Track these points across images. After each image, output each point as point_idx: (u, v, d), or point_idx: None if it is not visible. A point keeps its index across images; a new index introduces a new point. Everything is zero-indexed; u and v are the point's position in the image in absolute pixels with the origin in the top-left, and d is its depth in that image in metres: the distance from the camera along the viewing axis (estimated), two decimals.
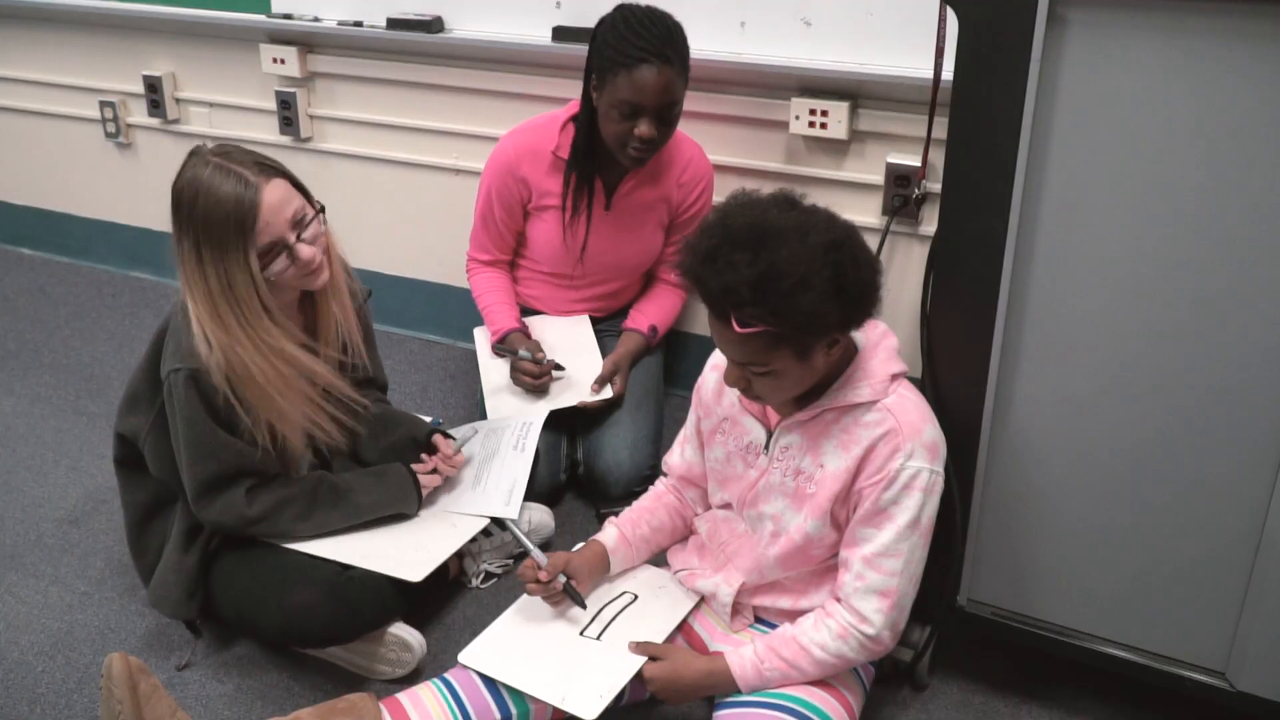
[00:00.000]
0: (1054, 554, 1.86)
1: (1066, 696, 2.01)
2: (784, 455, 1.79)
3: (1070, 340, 1.73)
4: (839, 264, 1.58)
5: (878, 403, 1.71)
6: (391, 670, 2.05)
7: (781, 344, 1.61)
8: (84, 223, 3.87)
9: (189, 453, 1.94)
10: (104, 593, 2.29)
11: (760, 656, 1.78)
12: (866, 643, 1.73)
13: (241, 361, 1.88)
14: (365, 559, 2.03)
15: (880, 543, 1.70)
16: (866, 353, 1.75)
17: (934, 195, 2.57)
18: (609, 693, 1.79)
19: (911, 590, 1.75)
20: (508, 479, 2.27)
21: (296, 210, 1.90)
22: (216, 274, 1.84)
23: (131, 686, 1.72)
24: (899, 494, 1.68)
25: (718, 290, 1.59)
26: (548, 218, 2.57)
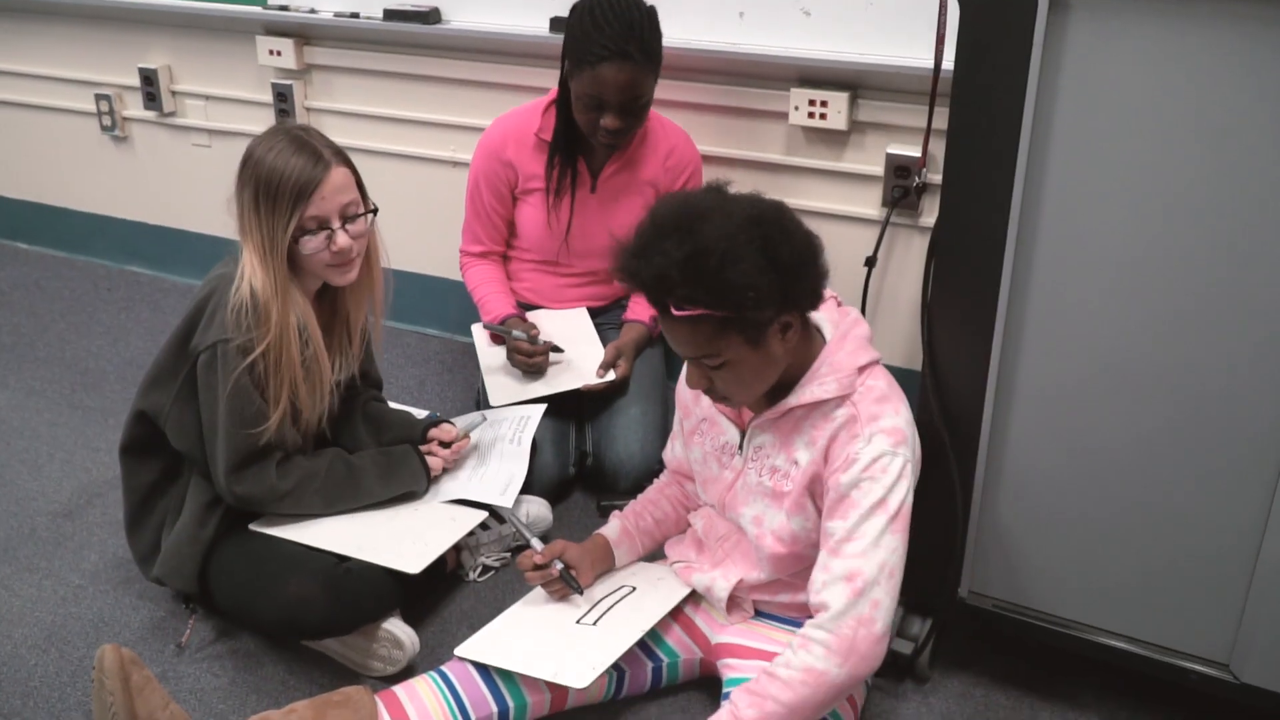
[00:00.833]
0: (1056, 546, 1.85)
1: (1068, 690, 2.00)
2: (758, 455, 1.78)
3: (1072, 331, 1.71)
4: (767, 237, 1.56)
5: (846, 398, 1.68)
6: (384, 667, 2.03)
7: (729, 330, 1.59)
8: (80, 217, 3.85)
9: (229, 422, 1.96)
10: (98, 586, 2.27)
11: (735, 702, 1.65)
12: (828, 639, 1.60)
13: (274, 317, 1.95)
14: (362, 550, 2.01)
15: (844, 529, 1.64)
16: (834, 344, 1.72)
17: (934, 186, 2.55)
18: (601, 664, 1.77)
19: (885, 581, 1.61)
20: (506, 471, 2.26)
21: (351, 202, 1.98)
22: (267, 227, 1.93)
23: (124, 679, 1.70)
24: (859, 477, 1.64)
25: (651, 280, 1.58)
26: (534, 201, 2.57)
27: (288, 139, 1.96)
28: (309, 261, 1.98)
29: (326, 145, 1.98)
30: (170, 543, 2.08)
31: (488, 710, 1.82)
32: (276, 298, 1.95)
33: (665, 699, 1.98)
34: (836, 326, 1.74)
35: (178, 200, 3.64)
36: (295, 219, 1.93)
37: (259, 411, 1.97)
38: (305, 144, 1.95)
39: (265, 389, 1.98)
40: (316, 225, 1.95)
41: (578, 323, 2.67)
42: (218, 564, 2.04)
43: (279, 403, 1.98)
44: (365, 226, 2.03)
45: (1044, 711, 1.96)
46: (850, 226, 2.65)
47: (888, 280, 2.67)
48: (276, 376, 1.97)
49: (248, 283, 1.95)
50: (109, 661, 1.71)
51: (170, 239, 3.70)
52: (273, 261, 1.94)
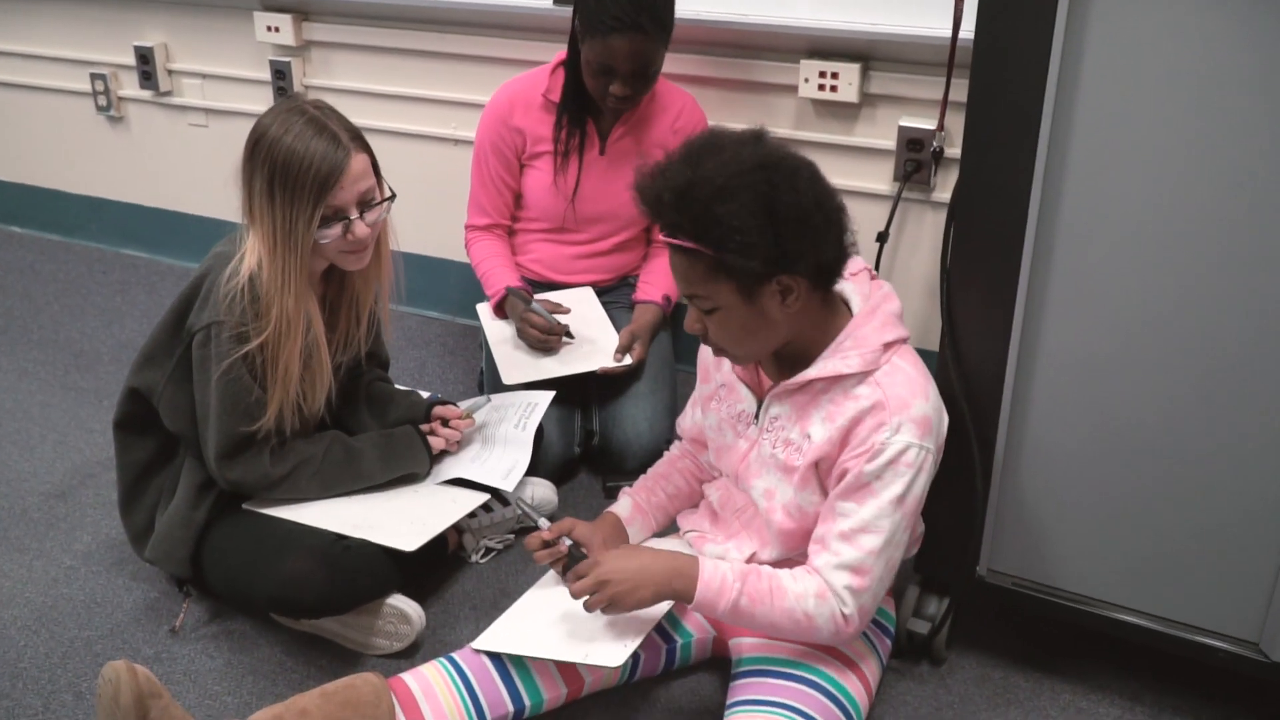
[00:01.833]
0: (1079, 521, 1.78)
1: (1089, 671, 1.94)
2: (773, 426, 1.72)
3: (1097, 298, 1.65)
4: (771, 184, 1.51)
5: (869, 374, 1.62)
6: (389, 644, 1.97)
7: (721, 274, 1.54)
8: (75, 199, 3.79)
9: (222, 406, 1.90)
10: (90, 567, 2.21)
11: (736, 575, 1.64)
12: (837, 616, 1.61)
13: (274, 311, 1.88)
14: (359, 529, 1.96)
15: (860, 518, 1.60)
16: (861, 318, 1.66)
17: (949, 160, 2.49)
18: (633, 641, 1.71)
19: (887, 577, 1.64)
20: (510, 456, 2.20)
21: (368, 189, 1.91)
22: (283, 216, 1.84)
23: (141, 715, 1.55)
24: (883, 468, 1.58)
25: (650, 199, 1.56)
26: (541, 164, 2.53)
27: (304, 120, 1.85)
28: (325, 248, 1.91)
29: (344, 127, 1.88)
30: (162, 525, 2.02)
31: (504, 710, 1.76)
32: (284, 293, 1.87)
33: (676, 682, 1.92)
34: (866, 300, 1.68)
35: (175, 181, 3.58)
36: (319, 211, 1.84)
37: (258, 402, 1.91)
38: (324, 126, 1.85)
39: (264, 380, 1.91)
40: (334, 215, 1.87)
41: (586, 305, 2.60)
42: (211, 545, 1.99)
43: (276, 394, 1.92)
44: (382, 214, 1.96)
45: (1065, 693, 1.90)
46: (862, 202, 2.58)
47: (899, 257, 2.61)
48: (274, 369, 1.91)
49: (248, 270, 1.88)
50: (125, 694, 1.55)
51: (167, 221, 3.64)
52: (285, 254, 1.86)
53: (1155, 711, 1.86)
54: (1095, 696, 1.89)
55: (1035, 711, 1.87)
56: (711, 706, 1.87)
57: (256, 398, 1.91)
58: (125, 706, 1.51)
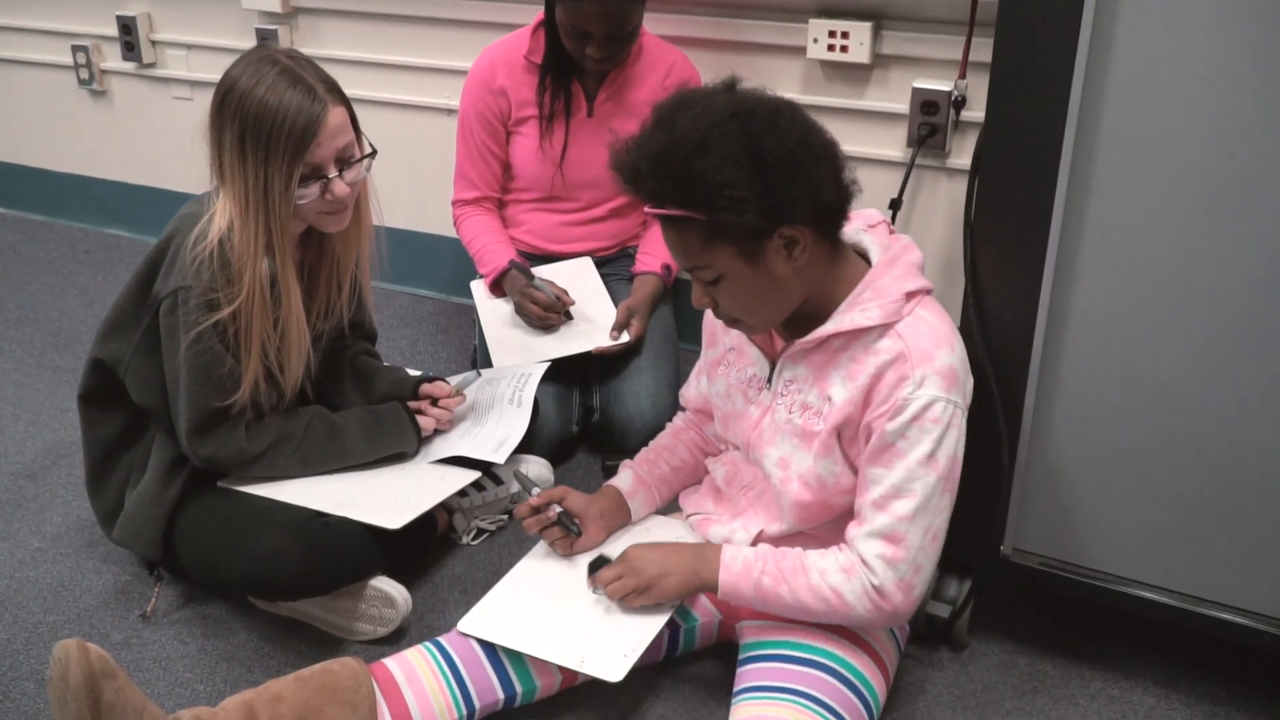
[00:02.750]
0: (1112, 496, 1.66)
1: (1121, 657, 1.82)
2: (788, 389, 1.59)
3: (1133, 254, 1.53)
4: (748, 131, 1.40)
5: (890, 327, 1.50)
6: (373, 629, 1.85)
7: (718, 239, 1.43)
8: (56, 177, 3.67)
9: (191, 377, 1.78)
10: (59, 549, 2.09)
11: (759, 556, 1.58)
12: (870, 591, 1.51)
13: (246, 278, 1.76)
14: (340, 507, 1.84)
15: (889, 483, 1.49)
16: (880, 268, 1.54)
17: (965, 124, 2.37)
18: (634, 651, 1.59)
19: (929, 545, 1.52)
20: (502, 430, 2.08)
21: (347, 145, 1.79)
22: (256, 174, 1.72)
23: (93, 698, 1.40)
24: (907, 425, 1.47)
25: (628, 172, 1.46)
26: (527, 130, 2.42)
27: (277, 70, 1.72)
28: (303, 208, 1.78)
29: (320, 78, 1.76)
30: (131, 504, 1.90)
31: (494, 697, 1.64)
32: (257, 257, 1.75)
33: (679, 670, 1.80)
34: (886, 251, 1.56)
35: (159, 157, 3.46)
36: (296, 169, 1.72)
37: (230, 373, 1.79)
38: (298, 77, 1.72)
39: (237, 350, 1.79)
40: (311, 173, 1.75)
41: (584, 278, 2.48)
42: (183, 525, 1.86)
43: (250, 365, 1.80)
44: (362, 173, 1.83)
45: (1095, 680, 1.78)
46: (873, 169, 2.46)
47: (913, 226, 2.49)
48: (248, 338, 1.79)
49: (217, 232, 1.75)
50: (75, 674, 1.40)
51: (152, 199, 3.52)
52: (259, 215, 1.73)
53: (1191, 700, 1.74)
54: (1127, 684, 1.77)
55: (1064, 700, 1.75)
56: (718, 695, 1.75)
57: (229, 369, 1.79)
58: (75, 687, 1.38)
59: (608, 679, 1.57)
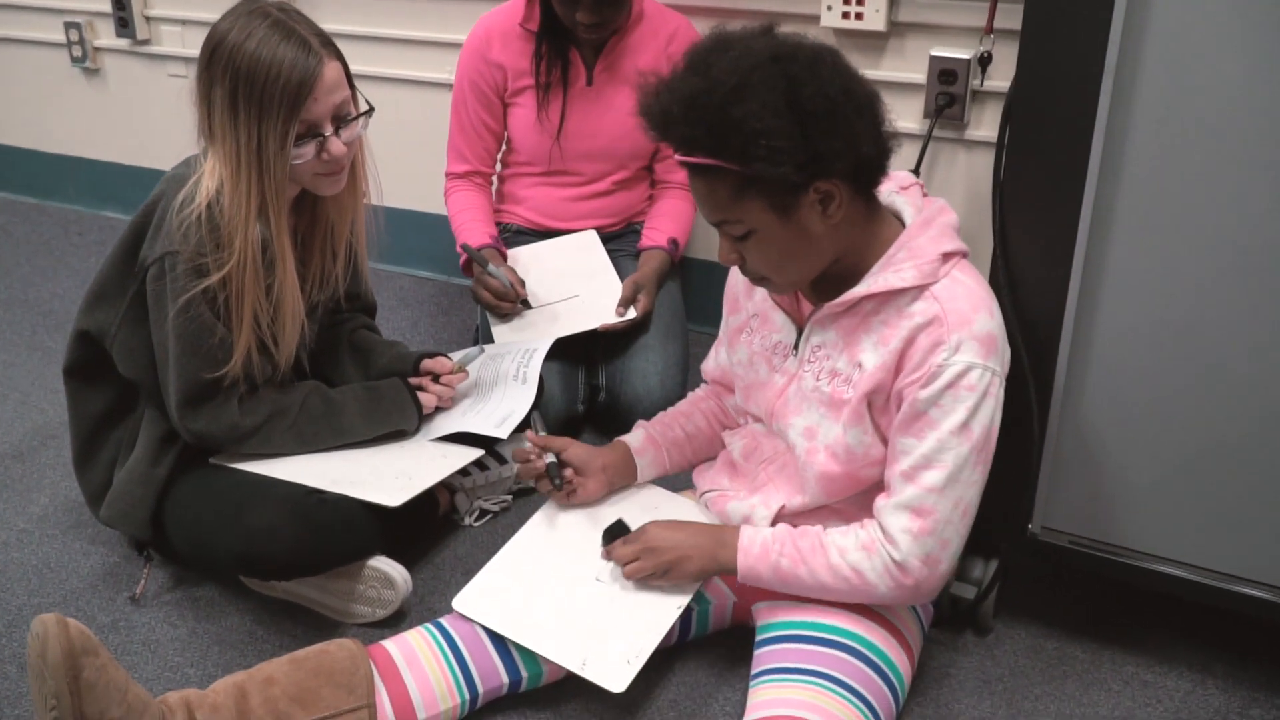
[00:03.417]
0: (1146, 470, 1.58)
1: (1154, 640, 1.74)
2: (816, 356, 1.51)
3: (1173, 211, 1.44)
4: (789, 76, 1.32)
5: (925, 289, 1.42)
6: (371, 611, 1.77)
7: (750, 192, 1.35)
8: (50, 159, 3.59)
9: (180, 347, 1.70)
10: (45, 530, 2.02)
11: (776, 537, 1.52)
12: (892, 568, 1.44)
13: (237, 242, 1.67)
14: (337, 484, 1.76)
15: (919, 453, 1.42)
16: (915, 228, 1.46)
17: (984, 94, 2.30)
18: (638, 658, 1.51)
19: (959, 520, 1.44)
20: (506, 406, 2.00)
21: (343, 102, 1.71)
22: (249, 133, 1.64)
23: (72, 675, 1.31)
24: (940, 393, 1.39)
25: (657, 117, 1.38)
26: (524, 100, 2.34)
27: (268, 23, 1.64)
28: (297, 169, 1.70)
29: (313, 32, 1.68)
30: (119, 483, 1.82)
31: (498, 681, 1.57)
32: (248, 221, 1.67)
33: (691, 653, 1.72)
34: (920, 212, 1.48)
35: (154, 137, 3.38)
36: (292, 127, 1.64)
37: (222, 343, 1.71)
38: (291, 30, 1.64)
39: (228, 320, 1.71)
40: (307, 131, 1.67)
41: (590, 253, 2.41)
42: (173, 503, 1.78)
43: (243, 335, 1.72)
44: (359, 131, 1.75)
45: (1128, 665, 1.70)
46: None
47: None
48: (239, 307, 1.71)
49: (205, 194, 1.67)
50: (54, 650, 1.31)
51: (147, 180, 3.37)
52: (252, 176, 1.65)
53: (1229, 685, 1.66)
54: (1161, 668, 1.69)
55: (1095, 684, 1.67)
56: (733, 680, 1.67)
57: (220, 338, 1.71)
58: (54, 664, 1.30)
59: (610, 689, 1.49)
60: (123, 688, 1.35)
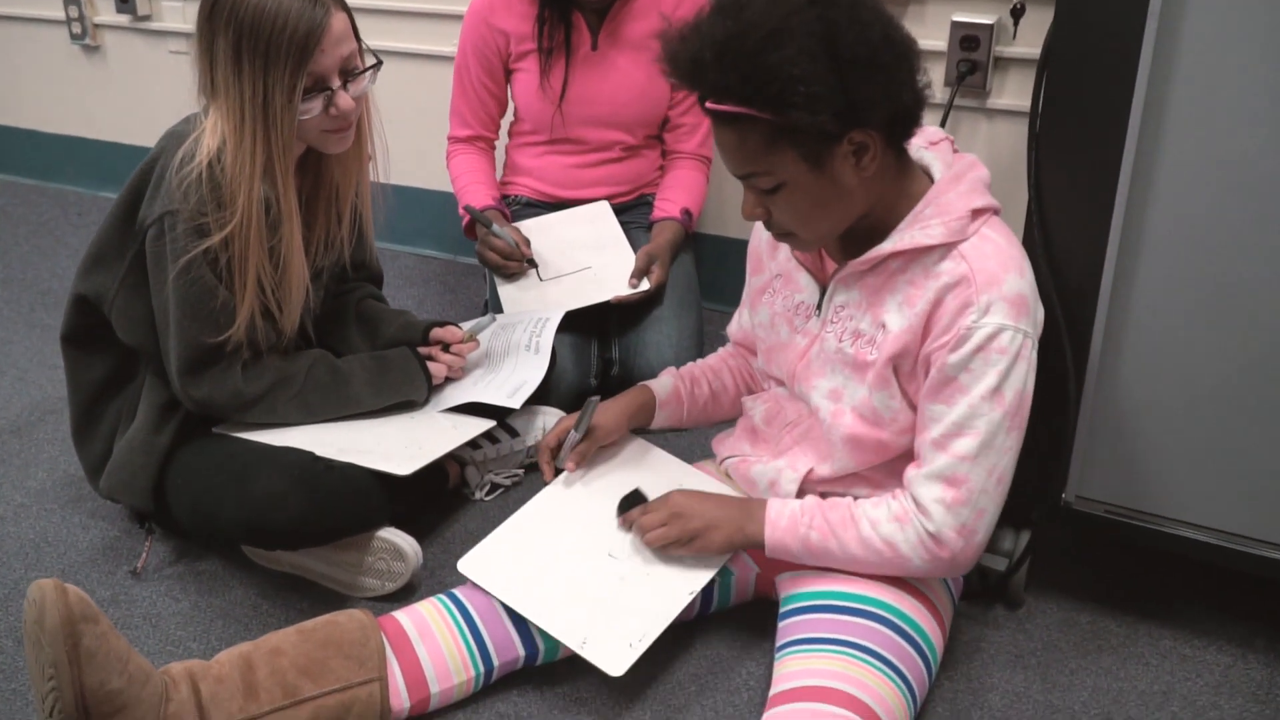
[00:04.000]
0: (1186, 436, 1.52)
1: (1192, 614, 1.68)
2: (839, 316, 1.46)
3: (1222, 161, 1.38)
4: (828, 20, 1.26)
5: (954, 246, 1.37)
6: (380, 584, 1.71)
7: (782, 141, 1.29)
8: (49, 139, 3.53)
9: (181, 310, 1.64)
10: (43, 504, 1.96)
11: (805, 509, 1.46)
12: (926, 540, 1.39)
13: (240, 200, 1.61)
14: (344, 453, 1.70)
15: (950, 420, 1.36)
16: (944, 184, 1.40)
17: (1007, 60, 2.24)
18: (641, 641, 1.45)
19: (994, 489, 1.39)
20: (518, 376, 1.94)
21: (350, 55, 1.65)
22: (254, 85, 1.57)
23: (72, 643, 1.25)
24: (970, 357, 1.34)
25: (686, 64, 1.31)
26: (527, 65, 2.28)
27: None
28: (302, 127, 1.64)
29: None
30: (120, 452, 1.76)
31: (514, 654, 1.51)
32: (253, 179, 1.61)
33: (711, 628, 1.66)
34: (949, 168, 1.42)
35: (156, 116, 3.24)
36: (300, 80, 1.58)
37: (224, 307, 1.65)
38: None
39: (230, 282, 1.66)
40: (314, 85, 1.61)
41: (601, 222, 2.35)
42: (175, 472, 1.72)
43: (246, 298, 1.66)
44: (366, 86, 1.70)
45: (1165, 638, 1.64)
46: None
47: None
48: (242, 268, 1.65)
49: (206, 151, 1.61)
50: (51, 616, 1.24)
51: None
52: (258, 132, 1.59)
53: (1271, 659, 1.60)
54: (1200, 642, 1.63)
55: (1132, 658, 1.61)
56: (756, 654, 1.62)
57: (223, 301, 1.65)
58: (51, 630, 1.24)
59: (608, 672, 1.43)
60: (124, 657, 1.29)
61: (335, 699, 1.39)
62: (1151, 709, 1.52)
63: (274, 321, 1.73)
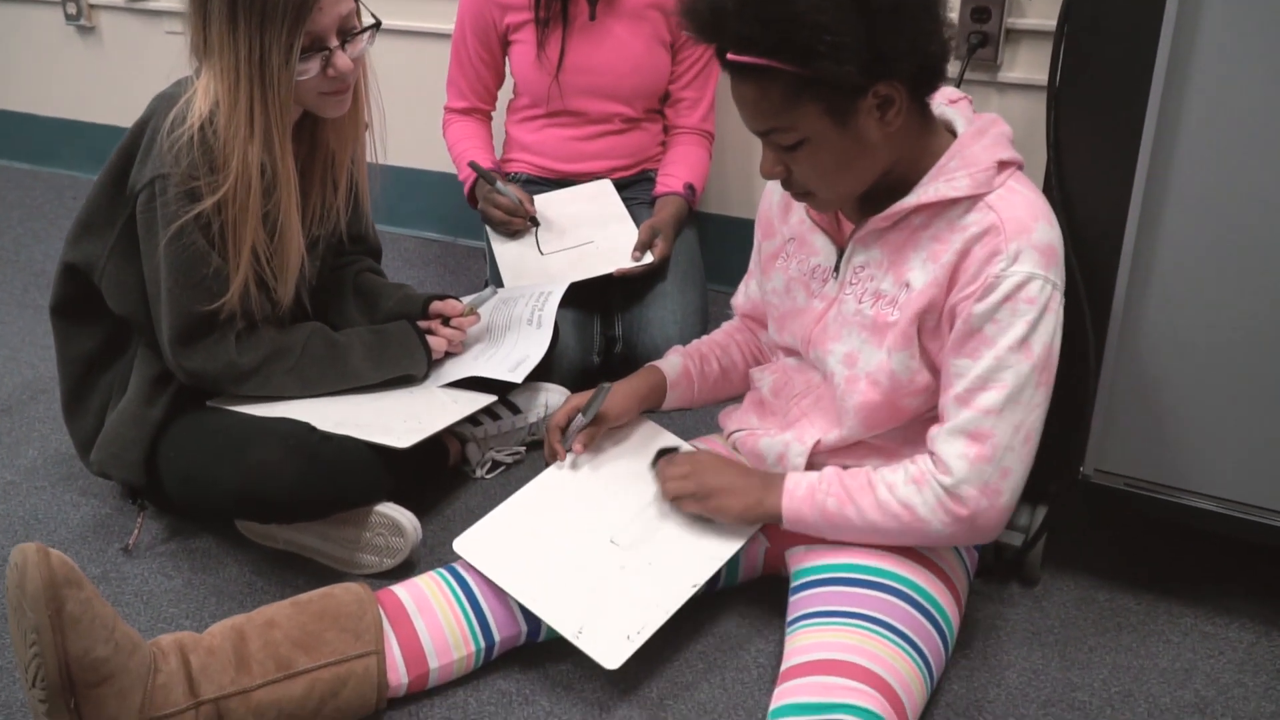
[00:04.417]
0: (1212, 406, 1.47)
1: (1213, 592, 1.63)
2: (858, 277, 1.41)
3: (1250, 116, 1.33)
4: None
5: (979, 199, 1.32)
6: (378, 561, 1.66)
7: (805, 95, 1.24)
8: (43, 123, 3.48)
9: (173, 278, 1.60)
10: (34, 482, 1.91)
11: (823, 478, 1.42)
12: (945, 500, 1.33)
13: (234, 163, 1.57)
14: (342, 426, 1.65)
15: (975, 374, 1.31)
16: (968, 137, 1.36)
17: (1020, 33, 2.19)
18: (639, 634, 1.40)
19: (1020, 446, 1.33)
20: (520, 350, 1.89)
21: (349, 14, 1.61)
22: (250, 44, 1.52)
23: (55, 608, 1.20)
24: (997, 307, 1.29)
25: (705, 13, 1.25)
26: (525, 36, 2.24)
27: None
28: (299, 89, 1.59)
29: None
30: (111, 425, 1.71)
31: (515, 630, 1.47)
32: (250, 141, 1.56)
33: (720, 605, 1.61)
34: (972, 123, 1.38)
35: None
36: (297, 38, 1.53)
37: (217, 274, 1.61)
38: None
39: (223, 249, 1.61)
40: (312, 45, 1.57)
41: (604, 199, 2.30)
42: (166, 445, 1.68)
43: (240, 266, 1.62)
44: (365, 47, 1.65)
45: (1186, 616, 1.59)
46: None
47: None
48: (235, 235, 1.61)
49: (198, 113, 1.56)
50: (33, 580, 1.20)
51: None
52: (255, 93, 1.55)
53: None
54: (1222, 620, 1.59)
55: (1152, 636, 1.56)
56: (766, 631, 1.57)
57: (215, 268, 1.61)
58: (33, 595, 1.19)
59: (603, 664, 1.38)
60: (110, 625, 1.24)
61: (330, 672, 1.34)
62: (1174, 687, 1.48)
63: (269, 292, 1.68)
